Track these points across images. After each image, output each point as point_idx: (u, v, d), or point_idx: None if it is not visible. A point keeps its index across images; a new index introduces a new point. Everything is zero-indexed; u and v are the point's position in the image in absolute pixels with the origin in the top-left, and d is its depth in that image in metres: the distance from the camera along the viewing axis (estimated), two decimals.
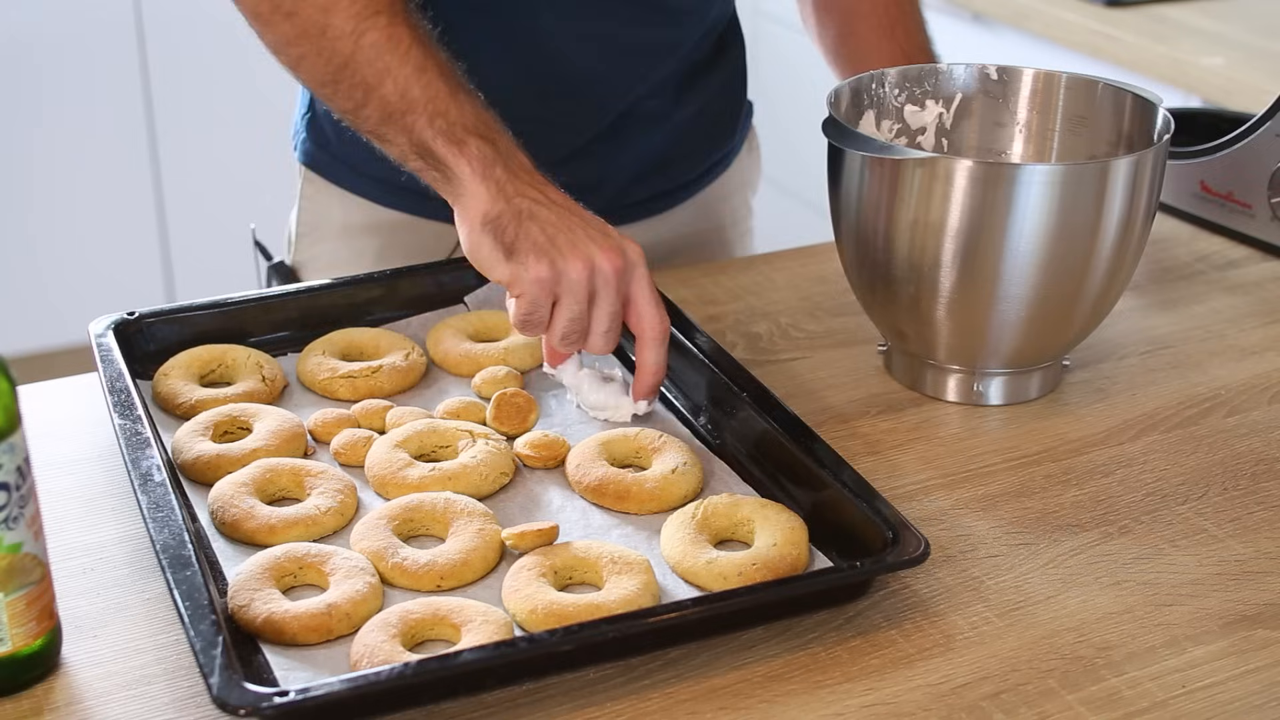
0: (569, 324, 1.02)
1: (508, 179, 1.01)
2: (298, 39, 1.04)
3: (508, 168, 1.02)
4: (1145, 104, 1.16)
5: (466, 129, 1.02)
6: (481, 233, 1.01)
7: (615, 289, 1.01)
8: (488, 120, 1.04)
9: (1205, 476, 1.06)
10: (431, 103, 1.02)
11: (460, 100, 1.03)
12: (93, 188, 3.12)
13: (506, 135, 1.04)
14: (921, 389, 1.16)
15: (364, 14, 1.02)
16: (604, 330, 1.02)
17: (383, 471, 1.00)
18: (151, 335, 1.13)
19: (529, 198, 1.01)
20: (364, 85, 1.03)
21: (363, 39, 1.02)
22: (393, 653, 0.83)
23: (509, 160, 1.02)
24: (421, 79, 1.02)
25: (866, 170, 1.09)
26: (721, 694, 0.84)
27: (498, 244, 1.01)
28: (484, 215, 1.01)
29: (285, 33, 1.04)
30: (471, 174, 1.01)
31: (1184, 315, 1.29)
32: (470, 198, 1.02)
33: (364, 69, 1.02)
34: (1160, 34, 2.19)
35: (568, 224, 1.01)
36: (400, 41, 1.02)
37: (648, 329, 1.03)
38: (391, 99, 1.02)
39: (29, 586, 0.81)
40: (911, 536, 0.89)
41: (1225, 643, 0.89)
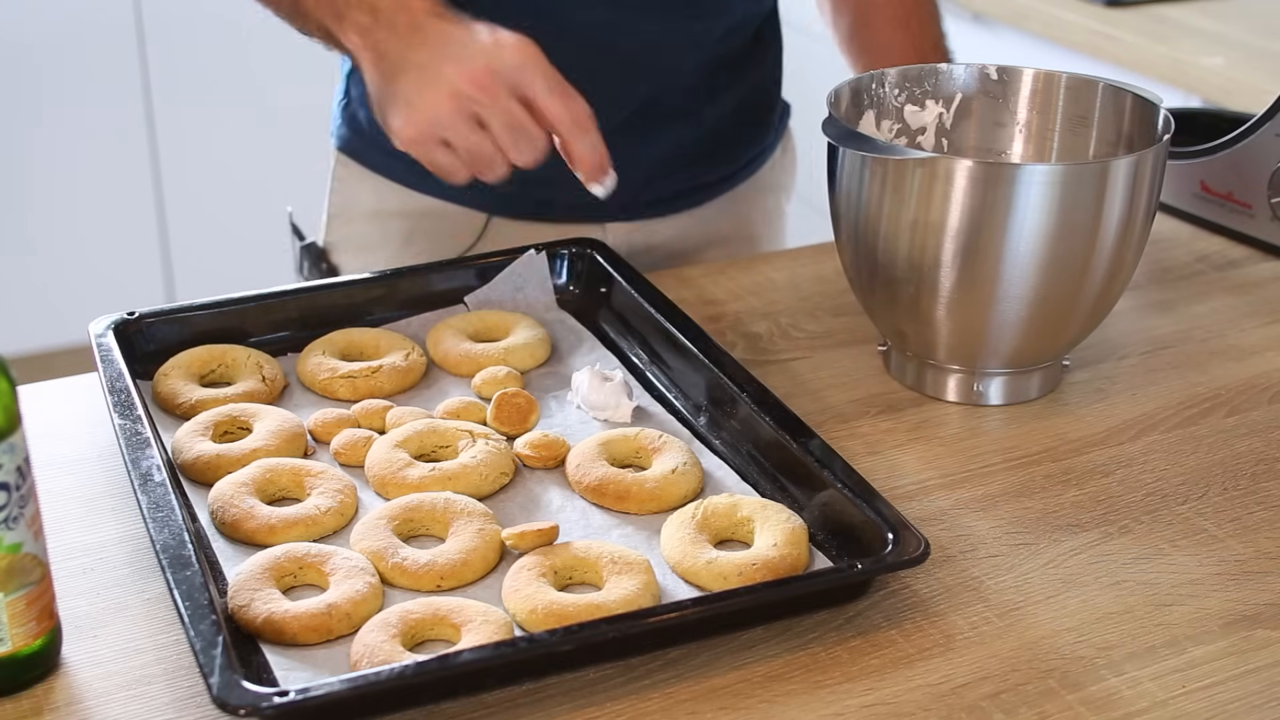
0: (470, 156, 0.99)
1: (387, 38, 0.99)
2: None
3: (390, 26, 1.00)
4: (1145, 104, 1.16)
5: (347, 3, 1.01)
6: (376, 109, 1.01)
7: (494, 102, 0.97)
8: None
9: (1205, 476, 1.06)
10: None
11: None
12: (93, 188, 3.12)
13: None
14: (921, 389, 1.16)
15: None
16: (510, 144, 0.98)
17: (383, 471, 1.00)
18: (151, 335, 1.13)
19: (399, 49, 0.98)
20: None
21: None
22: (393, 653, 0.83)
23: (391, 19, 1.00)
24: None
25: (866, 170, 1.09)
26: (721, 694, 0.84)
27: (382, 118, 1.00)
28: (371, 91, 1.00)
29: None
30: (354, 46, 1.01)
31: (1184, 315, 1.29)
32: (363, 73, 1.01)
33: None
34: (1160, 34, 2.19)
35: (433, 63, 0.97)
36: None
37: (556, 122, 0.99)
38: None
39: (29, 586, 0.81)
40: (911, 536, 0.89)
41: (1225, 643, 0.89)
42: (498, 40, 0.99)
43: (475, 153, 0.99)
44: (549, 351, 1.17)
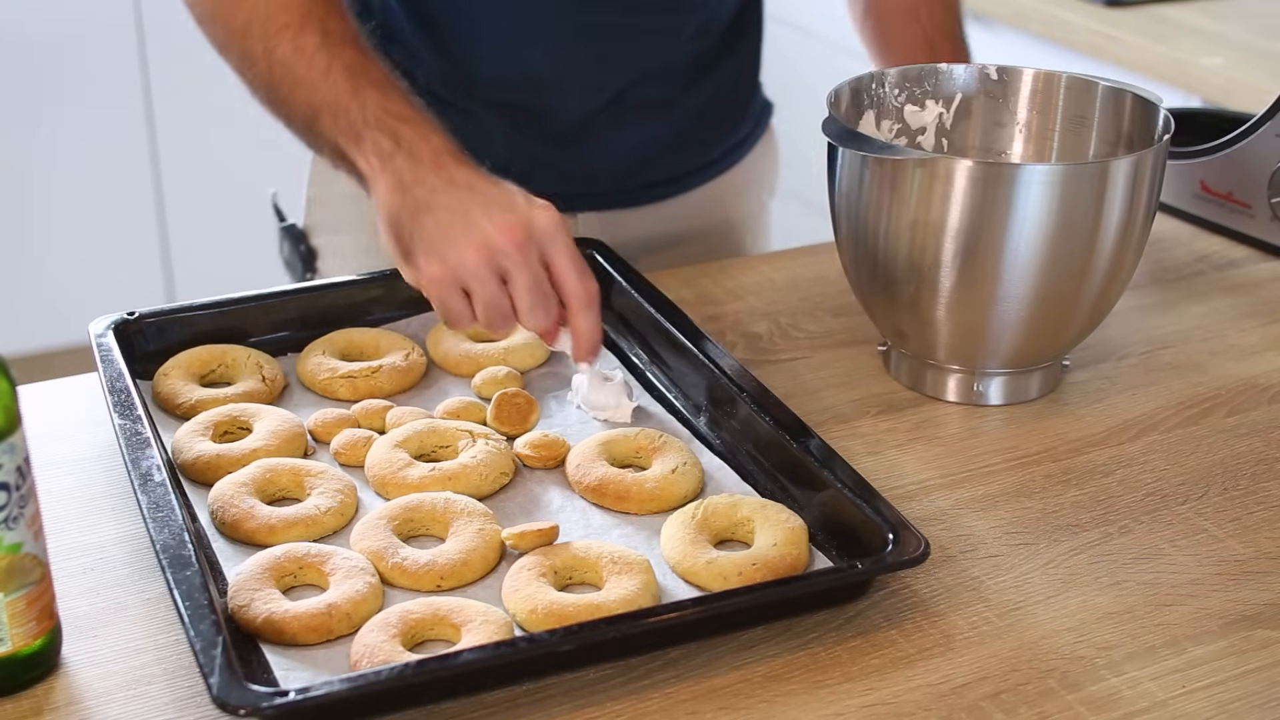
0: (487, 309, 0.99)
1: (408, 168, 0.99)
2: (240, 71, 1.08)
3: (411, 156, 1.00)
4: (1145, 104, 1.16)
5: (366, 123, 1.01)
6: (386, 235, 1.01)
7: (523, 263, 0.97)
8: (395, 110, 1.02)
9: (1205, 476, 1.06)
10: (335, 102, 1.02)
11: (363, 95, 1.02)
12: (93, 188, 3.12)
13: (419, 122, 1.02)
14: (921, 389, 1.16)
15: (270, 31, 1.04)
16: (528, 306, 0.99)
17: (383, 471, 1.00)
18: (151, 335, 1.13)
19: (427, 186, 0.99)
20: (285, 101, 1.04)
21: (273, 55, 1.04)
22: (393, 653, 0.83)
23: (412, 147, 1.00)
24: (326, 81, 1.02)
25: (866, 170, 1.09)
26: (721, 694, 0.84)
27: (397, 247, 1.00)
28: (385, 215, 1.00)
29: (234, 63, 1.08)
30: (370, 168, 1.01)
31: (1184, 315, 1.29)
32: (375, 196, 1.01)
33: (281, 85, 1.04)
34: (1160, 34, 2.19)
35: (465, 206, 0.97)
36: (304, 50, 1.03)
37: (570, 295, 1.00)
38: (303, 108, 1.04)
39: (29, 586, 0.81)
40: (911, 536, 0.89)
41: (1225, 643, 0.89)
42: (530, 200, 0.99)
43: (493, 306, 0.99)
44: (549, 351, 1.17)
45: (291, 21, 1.04)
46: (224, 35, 1.06)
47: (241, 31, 1.04)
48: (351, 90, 1.02)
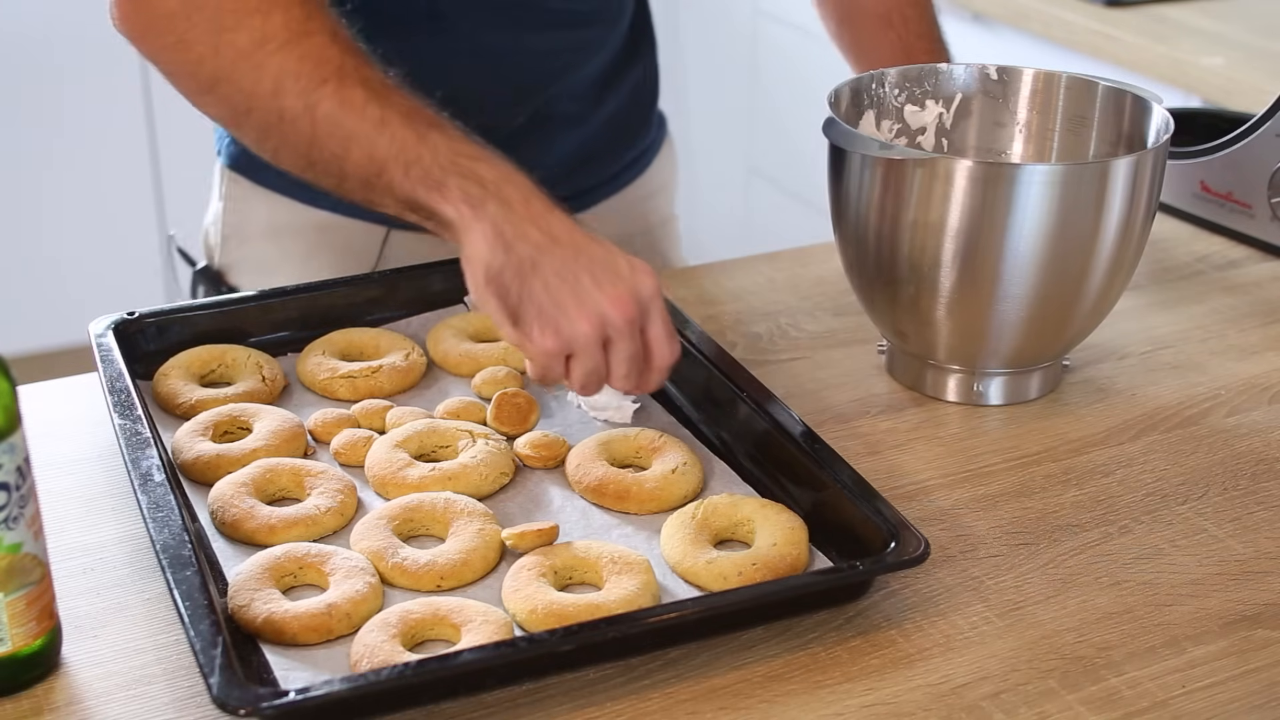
0: (585, 377, 0.98)
1: (503, 215, 0.96)
2: (265, 134, 1.01)
3: (501, 200, 0.97)
4: (1145, 104, 1.16)
5: (444, 169, 0.97)
6: (486, 291, 0.96)
7: (629, 336, 0.97)
8: (469, 152, 0.99)
9: (1205, 476, 1.06)
10: (401, 154, 0.98)
11: (431, 141, 0.98)
12: (93, 188, 3.12)
13: (494, 161, 0.99)
14: (921, 389, 1.16)
15: (310, 87, 0.98)
16: (624, 374, 0.98)
17: (383, 471, 1.00)
18: (151, 335, 1.13)
19: (530, 242, 0.96)
20: (335, 159, 0.99)
21: (316, 112, 0.98)
22: (393, 653, 0.83)
23: (502, 190, 0.97)
24: (385, 133, 0.98)
25: (866, 170, 1.09)
26: (721, 694, 0.84)
27: (503, 305, 0.96)
28: (486, 270, 0.96)
29: (253, 131, 1.02)
30: (461, 217, 0.97)
31: (1184, 315, 1.29)
32: (469, 244, 0.97)
33: (328, 142, 0.99)
34: (1160, 34, 2.19)
35: (573, 273, 0.95)
36: (353, 103, 0.98)
37: (656, 360, 0.99)
38: (363, 163, 0.99)
39: (29, 586, 0.81)
40: (911, 536, 0.89)
41: (1225, 643, 0.89)
42: (630, 264, 0.97)
43: (593, 374, 0.97)
44: None
45: (330, 75, 0.98)
46: (243, 100, 1.00)
47: (271, 93, 0.98)
48: (417, 137, 0.98)
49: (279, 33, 0.99)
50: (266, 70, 0.99)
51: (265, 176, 1.32)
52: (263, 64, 0.99)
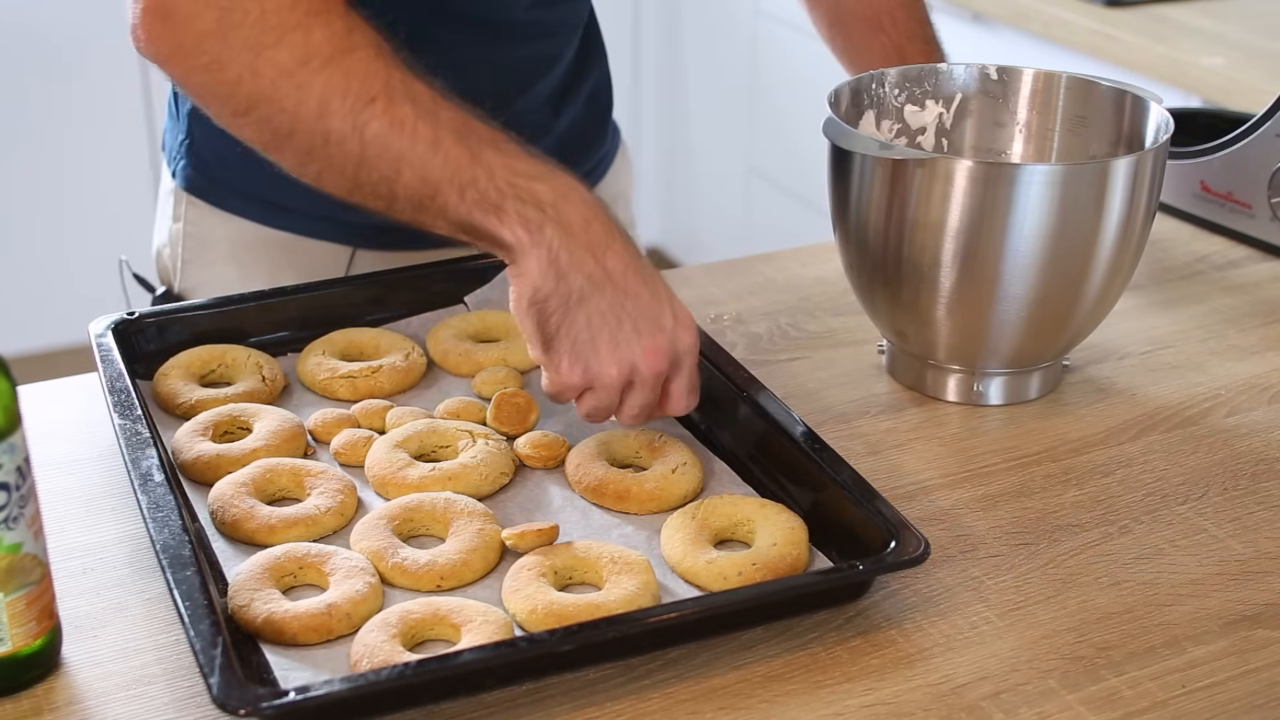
0: (595, 411, 0.99)
1: (560, 241, 0.94)
2: (307, 157, 0.97)
3: (560, 224, 0.95)
4: (1145, 104, 1.16)
5: (501, 193, 0.95)
6: (526, 312, 0.96)
7: (652, 388, 0.97)
8: (526, 170, 0.96)
9: (1205, 476, 1.06)
10: (456, 176, 0.95)
11: (486, 160, 0.95)
12: (93, 187, 3.12)
13: (553, 178, 0.97)
14: (921, 389, 1.16)
15: (358, 107, 0.94)
16: (633, 415, 0.99)
17: (383, 471, 1.00)
18: (151, 335, 1.13)
19: (584, 273, 0.95)
20: (385, 180, 0.96)
21: (365, 133, 0.94)
22: (393, 653, 0.83)
23: (559, 214, 0.95)
24: (438, 154, 0.95)
25: (866, 170, 1.09)
26: (721, 694, 0.84)
27: (538, 329, 0.96)
28: (534, 293, 0.95)
29: (293, 154, 0.97)
30: (519, 241, 0.94)
31: (1184, 315, 1.29)
32: (522, 266, 0.95)
33: (378, 164, 0.95)
34: (1160, 34, 2.19)
35: (616, 315, 0.95)
36: (404, 123, 0.95)
37: (669, 410, 1.01)
38: (415, 186, 0.95)
39: (29, 586, 0.81)
40: (911, 536, 0.89)
41: (1225, 643, 0.89)
42: (676, 317, 0.98)
43: (603, 411, 0.99)
44: None
45: (379, 93, 0.94)
46: (285, 121, 0.95)
47: (316, 114, 0.94)
48: (471, 157, 0.95)
49: (322, 49, 0.94)
50: (311, 90, 0.94)
51: (225, 199, 1.30)
52: (306, 83, 0.94)
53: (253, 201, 1.28)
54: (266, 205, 1.28)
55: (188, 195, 1.32)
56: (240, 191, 1.28)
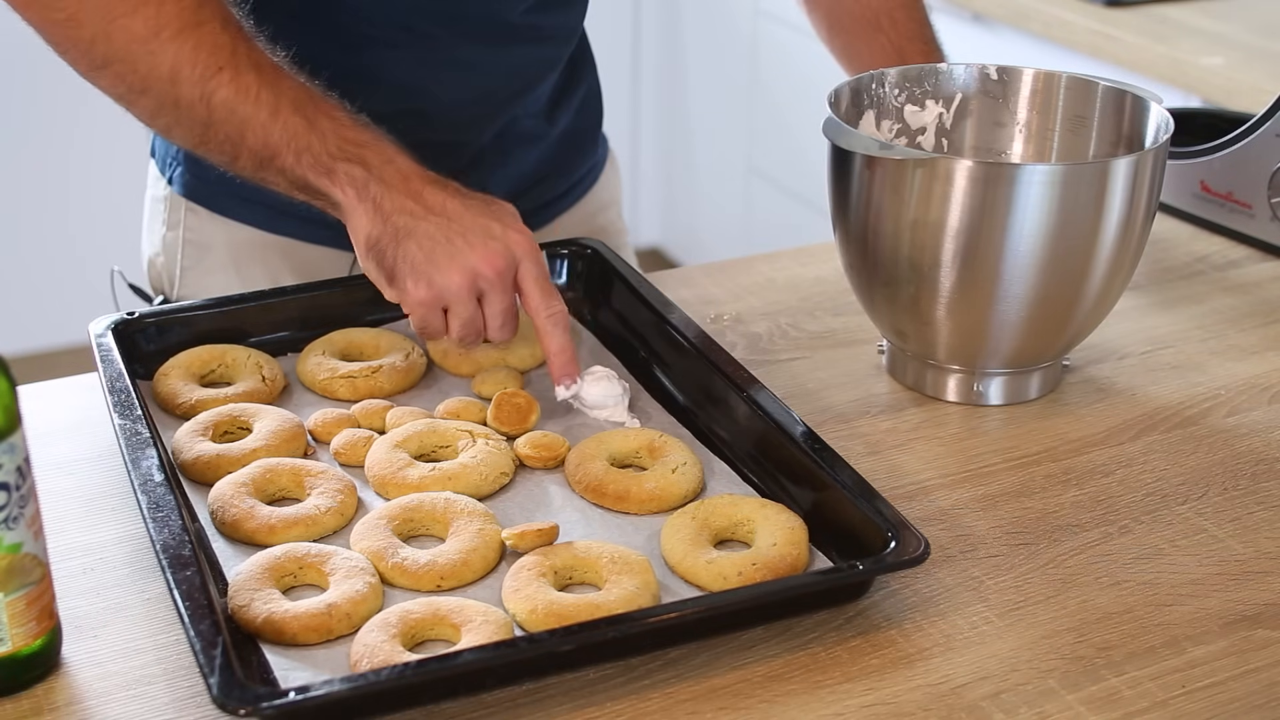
0: (463, 328, 1.05)
1: (384, 194, 1.03)
2: (158, 111, 1.05)
3: (383, 181, 1.03)
4: (1145, 104, 1.16)
5: (332, 155, 1.03)
6: (366, 258, 1.05)
7: (500, 288, 1.04)
8: (354, 138, 1.05)
9: (1205, 476, 1.06)
10: (293, 140, 1.03)
11: (321, 128, 1.04)
12: (94, 188, 3.12)
13: (379, 144, 1.05)
14: (921, 389, 1.16)
15: (207, 75, 1.02)
16: (499, 325, 1.06)
17: (383, 471, 1.00)
18: (151, 335, 1.13)
19: (406, 212, 1.03)
20: (229, 141, 1.04)
21: (213, 99, 1.02)
22: (393, 653, 0.83)
23: (382, 173, 1.04)
24: (277, 121, 1.03)
25: (866, 170, 1.09)
26: (721, 694, 0.84)
27: (380, 269, 1.04)
28: (365, 239, 1.04)
29: (146, 107, 1.05)
30: (347, 199, 1.03)
31: (1184, 315, 1.29)
32: (352, 222, 1.04)
33: (223, 126, 1.03)
34: (1160, 34, 2.19)
35: (446, 234, 1.03)
36: (248, 90, 1.02)
37: (535, 314, 1.06)
38: (256, 148, 1.03)
39: (29, 586, 0.81)
40: (911, 536, 0.89)
41: (1225, 643, 0.89)
42: (505, 226, 1.05)
43: (469, 325, 1.06)
44: None
45: (224, 63, 1.02)
46: (138, 80, 1.03)
47: (168, 79, 1.02)
48: (307, 125, 1.03)
49: (172, 21, 1.01)
50: (162, 58, 1.02)
51: (225, 204, 1.31)
52: (157, 51, 1.02)
53: (253, 206, 1.29)
54: (267, 210, 1.28)
55: (186, 201, 1.32)
56: (240, 197, 1.28)
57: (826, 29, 1.43)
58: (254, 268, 1.31)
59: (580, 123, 1.41)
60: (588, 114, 1.42)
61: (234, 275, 1.31)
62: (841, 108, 1.17)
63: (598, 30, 1.43)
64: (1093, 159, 1.20)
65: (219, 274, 1.32)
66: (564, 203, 1.42)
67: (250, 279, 1.30)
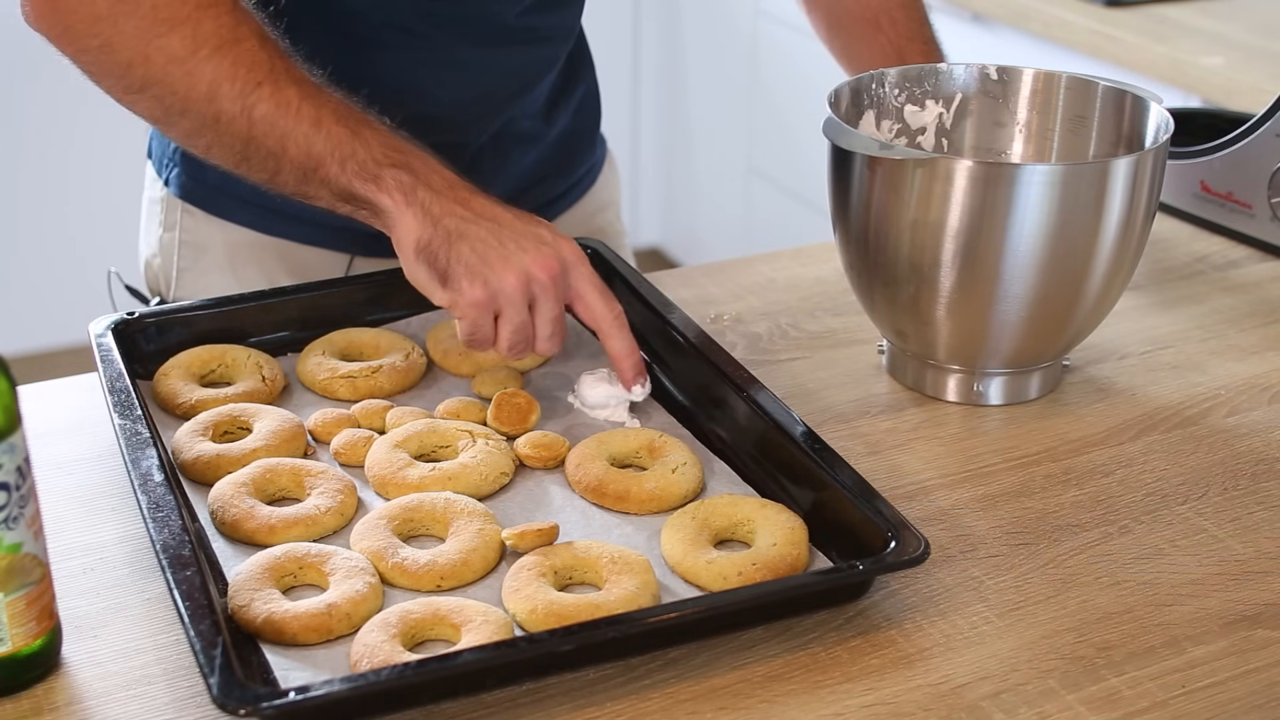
0: (513, 335, 1.04)
1: (432, 199, 1.03)
2: (197, 132, 1.04)
3: (430, 188, 1.03)
4: (1145, 104, 1.16)
5: (378, 163, 1.03)
6: (416, 261, 1.03)
7: (553, 294, 1.03)
8: (397, 145, 1.05)
9: (1205, 476, 1.06)
10: (337, 150, 1.02)
11: (364, 137, 1.03)
12: (93, 187, 3.12)
13: (421, 154, 1.05)
14: (921, 389, 1.16)
15: (247, 90, 1.02)
16: (548, 335, 1.04)
17: (383, 471, 1.00)
18: (151, 335, 1.13)
19: (456, 216, 1.03)
20: (271, 155, 1.03)
21: (254, 114, 1.02)
22: (393, 653, 0.83)
23: (428, 180, 1.03)
24: (320, 131, 1.02)
25: (866, 170, 1.09)
26: (721, 694, 0.84)
27: (432, 271, 1.03)
28: (416, 242, 1.03)
29: (185, 128, 1.04)
30: (395, 204, 1.03)
31: (1184, 315, 1.29)
32: (400, 227, 1.03)
33: (265, 141, 1.03)
34: (1160, 34, 2.19)
35: (498, 238, 1.03)
36: (289, 104, 1.02)
37: (600, 319, 1.05)
38: (299, 160, 1.03)
39: (29, 586, 0.81)
40: (911, 536, 0.89)
41: (1225, 643, 0.89)
42: (555, 234, 1.05)
43: (519, 332, 1.04)
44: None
45: (264, 79, 1.02)
46: (177, 102, 1.02)
47: (207, 97, 1.01)
48: (350, 134, 1.03)
49: (210, 39, 1.01)
50: (201, 76, 1.01)
51: (223, 206, 1.31)
52: (195, 70, 1.01)
53: (251, 208, 1.29)
54: (265, 212, 1.28)
55: (183, 203, 1.32)
56: (238, 198, 1.28)
57: (826, 29, 1.43)
58: (250, 269, 1.31)
59: (578, 123, 1.41)
60: (586, 114, 1.42)
61: (230, 277, 1.31)
62: (841, 108, 1.18)
63: (597, 30, 1.43)
64: (1093, 159, 1.20)
65: (215, 275, 1.32)
66: (562, 203, 1.42)
67: (246, 280, 1.30)
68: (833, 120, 1.11)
